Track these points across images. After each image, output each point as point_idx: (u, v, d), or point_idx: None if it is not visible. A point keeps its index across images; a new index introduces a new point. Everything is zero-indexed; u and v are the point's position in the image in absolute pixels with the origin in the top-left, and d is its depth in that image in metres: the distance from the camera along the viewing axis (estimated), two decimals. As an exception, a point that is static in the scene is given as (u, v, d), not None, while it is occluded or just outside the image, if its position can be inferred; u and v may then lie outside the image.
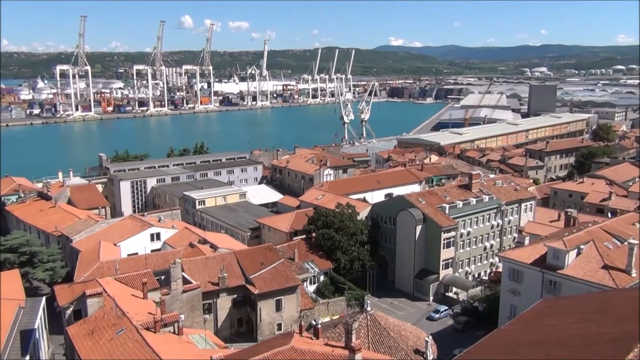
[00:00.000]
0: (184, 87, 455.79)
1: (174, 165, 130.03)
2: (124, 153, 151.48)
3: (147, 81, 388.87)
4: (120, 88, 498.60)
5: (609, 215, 77.51)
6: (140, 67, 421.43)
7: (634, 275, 48.74)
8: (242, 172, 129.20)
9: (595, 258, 51.02)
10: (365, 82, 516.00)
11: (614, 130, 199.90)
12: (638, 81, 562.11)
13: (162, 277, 55.10)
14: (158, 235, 73.26)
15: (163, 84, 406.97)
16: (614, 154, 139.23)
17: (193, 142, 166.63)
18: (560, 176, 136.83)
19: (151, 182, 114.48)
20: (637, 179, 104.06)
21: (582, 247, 52.11)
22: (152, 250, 68.06)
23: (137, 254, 66.06)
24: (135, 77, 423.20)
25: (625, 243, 51.20)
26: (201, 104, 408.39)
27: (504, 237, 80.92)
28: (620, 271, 49.07)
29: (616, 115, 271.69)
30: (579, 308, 31.03)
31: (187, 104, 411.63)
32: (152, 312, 42.80)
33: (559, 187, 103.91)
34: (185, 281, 54.70)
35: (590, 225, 59.89)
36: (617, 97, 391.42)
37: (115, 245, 68.01)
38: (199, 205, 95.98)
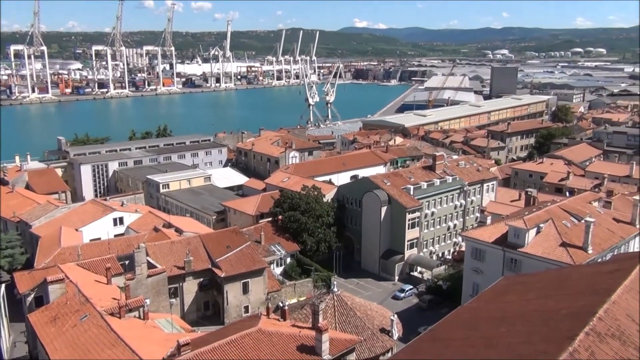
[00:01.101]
0: (145, 69, 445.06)
1: (136, 148, 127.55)
2: (84, 136, 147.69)
3: (107, 62, 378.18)
4: (78, 69, 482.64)
5: (567, 194, 79.77)
6: (99, 47, 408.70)
7: (590, 252, 50.51)
8: (206, 155, 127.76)
9: (554, 236, 52.63)
10: (330, 64, 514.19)
11: (572, 111, 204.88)
12: (595, 64, 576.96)
13: (126, 262, 54.38)
14: (121, 219, 72.06)
15: (123, 65, 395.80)
16: (572, 134, 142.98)
17: (156, 125, 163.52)
18: (521, 157, 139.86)
19: (113, 166, 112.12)
20: (594, 159, 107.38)
21: (541, 225, 53.63)
22: (115, 235, 66.89)
23: (99, 239, 65.03)
24: (94, 58, 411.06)
25: (582, 221, 52.91)
26: (163, 85, 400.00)
27: (467, 217, 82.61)
28: (578, 248, 50.79)
29: (574, 96, 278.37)
30: (538, 285, 32.00)
31: (148, 85, 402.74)
32: (116, 297, 42.21)
33: (520, 168, 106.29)
34: (150, 266, 54.06)
35: (549, 204, 61.63)
36: (575, 79, 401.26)
37: (76, 230, 66.63)
38: (163, 188, 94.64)
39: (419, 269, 75.37)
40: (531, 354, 20.12)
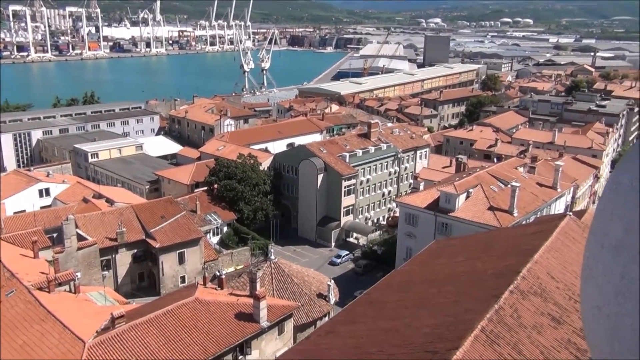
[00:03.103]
0: (68, 31, 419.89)
1: (61, 116, 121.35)
2: (4, 103, 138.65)
3: (26, 24, 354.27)
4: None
5: (495, 160, 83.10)
6: (17, 7, 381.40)
7: (515, 215, 53.13)
8: (137, 123, 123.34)
9: (482, 200, 54.91)
10: (265, 30, 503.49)
11: (500, 80, 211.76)
12: (523, 34, 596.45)
13: (54, 235, 52.30)
14: (47, 190, 68.96)
15: (45, 27, 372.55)
16: (500, 103, 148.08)
17: (82, 91, 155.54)
18: (452, 124, 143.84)
19: (36, 135, 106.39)
20: (520, 126, 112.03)
21: (470, 190, 55.75)
22: (41, 207, 63.98)
23: (24, 211, 61.99)
24: (11, 18, 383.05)
25: (509, 186, 55.43)
26: (89, 49, 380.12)
27: (401, 184, 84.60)
28: (504, 212, 53.29)
29: (503, 66, 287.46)
30: (467, 247, 33.39)
31: (73, 49, 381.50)
32: (44, 271, 40.62)
33: (451, 135, 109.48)
34: (80, 238, 52.27)
35: (478, 170, 64.07)
36: (504, 49, 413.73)
37: (-2, 203, 63.20)
38: (91, 158, 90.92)
39: (354, 235, 76.85)
40: (460, 312, 21.07)
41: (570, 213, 31.72)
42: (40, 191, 68.45)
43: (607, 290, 1.74)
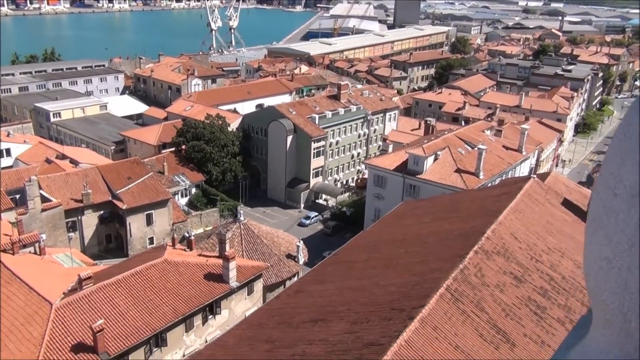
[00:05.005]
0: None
1: (20, 73, 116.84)
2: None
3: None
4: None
5: (463, 123, 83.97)
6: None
7: (481, 177, 54.15)
8: (101, 81, 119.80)
9: (450, 163, 55.71)
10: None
11: (469, 43, 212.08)
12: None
13: (17, 196, 51.03)
14: (8, 151, 67.05)
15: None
16: (469, 66, 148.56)
17: (42, 48, 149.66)
18: (421, 87, 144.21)
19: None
20: (488, 90, 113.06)
21: (438, 153, 56.42)
22: (2, 168, 62.17)
23: (-16, 172, 60.16)
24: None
25: (476, 148, 56.24)
26: (48, 4, 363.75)
27: (370, 146, 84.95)
28: (471, 174, 54.24)
29: (472, 28, 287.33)
30: (434, 208, 34.01)
31: (31, 3, 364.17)
32: (8, 233, 39.81)
33: (420, 97, 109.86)
34: (44, 199, 51.21)
35: (446, 132, 64.74)
36: (474, 11, 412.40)
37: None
38: (54, 117, 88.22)
39: (323, 196, 77.32)
40: (426, 271, 21.62)
41: (534, 176, 32.49)
42: (1, 151, 66.45)
43: (620, 241, 1.64)
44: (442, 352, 16.63)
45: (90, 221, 56.29)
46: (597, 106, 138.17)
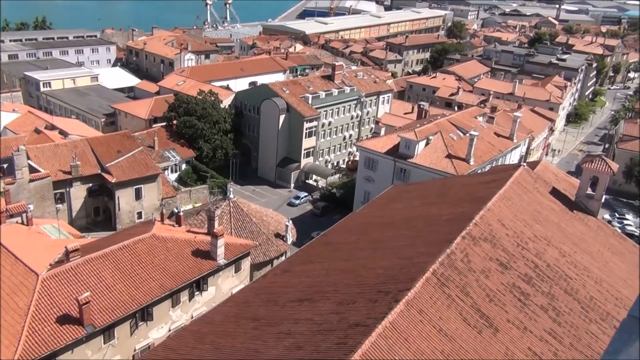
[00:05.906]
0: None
1: (10, 41, 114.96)
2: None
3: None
4: None
5: (456, 108, 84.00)
6: None
7: (472, 163, 54.35)
8: (93, 52, 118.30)
9: (441, 148, 55.81)
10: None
11: (466, 28, 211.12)
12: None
13: (5, 166, 50.58)
14: (-4, 119, 66.18)
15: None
16: (464, 51, 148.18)
17: (32, 16, 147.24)
18: (416, 70, 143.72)
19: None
20: (482, 76, 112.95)
21: (430, 138, 56.47)
22: (-10, 136, 61.52)
23: (-29, 140, 59.46)
24: None
25: (467, 134, 56.35)
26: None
27: (362, 128, 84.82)
28: (461, 160, 54.43)
29: (469, 13, 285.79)
30: (423, 193, 34.14)
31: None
32: (-5, 202, 39.53)
33: (414, 81, 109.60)
34: (32, 170, 50.81)
35: (439, 117, 64.72)
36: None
37: (-57, 130, 60.43)
38: (44, 87, 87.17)
39: (314, 177, 77.33)
40: (414, 255, 21.76)
41: (524, 164, 32.63)
42: (-11, 119, 65.75)
43: None
44: (426, 335, 16.83)
45: (78, 193, 55.98)
46: (590, 96, 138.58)
